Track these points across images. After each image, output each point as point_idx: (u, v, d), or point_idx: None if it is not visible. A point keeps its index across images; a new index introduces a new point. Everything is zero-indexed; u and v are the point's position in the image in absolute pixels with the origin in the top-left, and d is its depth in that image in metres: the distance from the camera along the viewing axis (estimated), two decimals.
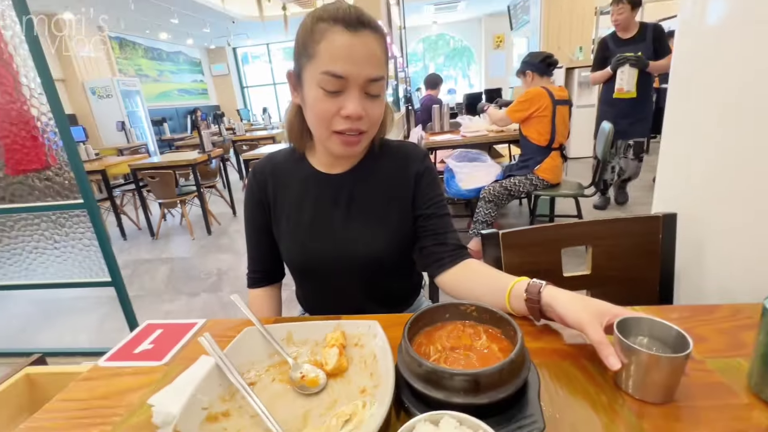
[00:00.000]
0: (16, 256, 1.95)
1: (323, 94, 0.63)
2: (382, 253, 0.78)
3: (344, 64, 0.61)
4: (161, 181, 3.52)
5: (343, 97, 0.64)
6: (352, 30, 0.61)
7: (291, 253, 0.81)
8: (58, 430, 0.53)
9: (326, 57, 0.61)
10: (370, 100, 0.66)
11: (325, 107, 0.64)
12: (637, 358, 0.47)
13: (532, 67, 2.41)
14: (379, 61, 0.65)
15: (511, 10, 8.23)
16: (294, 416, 0.50)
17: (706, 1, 0.84)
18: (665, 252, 0.79)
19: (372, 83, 0.64)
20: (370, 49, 0.63)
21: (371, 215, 0.78)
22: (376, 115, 0.68)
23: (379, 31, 0.65)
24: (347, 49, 0.61)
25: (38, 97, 1.61)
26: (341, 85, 0.63)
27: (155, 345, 0.71)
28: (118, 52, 7.96)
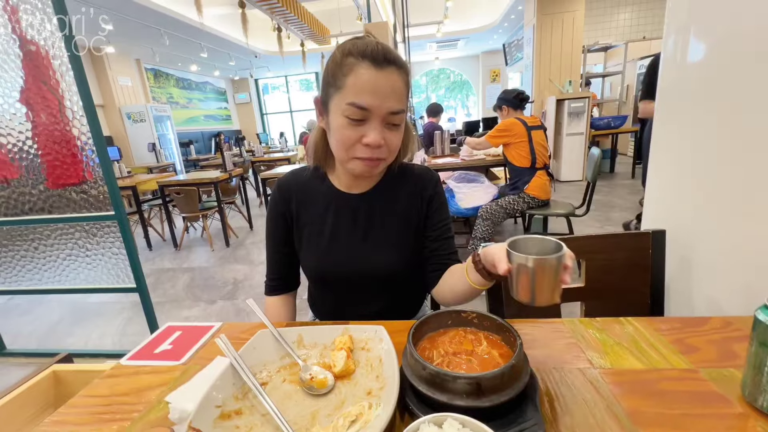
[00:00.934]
0: (51, 263, 1.96)
1: (347, 123, 0.64)
2: (395, 269, 0.78)
3: (368, 97, 0.62)
4: (186, 197, 3.55)
5: (366, 126, 0.64)
6: (378, 66, 0.62)
7: (310, 265, 0.81)
8: (81, 425, 0.52)
9: (353, 89, 0.62)
10: (390, 131, 0.67)
11: (348, 134, 0.65)
12: (515, 262, 0.48)
13: (507, 102, 2.55)
14: (401, 95, 0.65)
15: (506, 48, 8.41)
16: (303, 416, 0.48)
17: (686, 41, 0.86)
18: (655, 266, 0.77)
19: (393, 115, 0.65)
20: (393, 85, 0.63)
21: (387, 234, 0.78)
22: (394, 144, 0.69)
23: (404, 67, 0.66)
24: (372, 83, 0.62)
25: (80, 119, 1.65)
26: (364, 116, 0.63)
27: (174, 346, 0.70)
28: (152, 81, 8.20)
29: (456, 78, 12.15)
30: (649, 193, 0.96)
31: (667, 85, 0.92)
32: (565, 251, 0.47)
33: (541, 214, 2.46)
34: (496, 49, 9.70)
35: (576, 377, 0.52)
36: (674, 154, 0.90)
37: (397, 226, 0.78)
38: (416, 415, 0.44)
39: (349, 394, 0.51)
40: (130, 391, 0.58)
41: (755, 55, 0.70)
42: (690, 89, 0.86)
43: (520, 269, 0.48)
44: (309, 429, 0.46)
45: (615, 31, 6.69)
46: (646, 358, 0.55)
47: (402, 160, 0.79)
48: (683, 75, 0.88)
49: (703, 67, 0.82)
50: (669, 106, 0.92)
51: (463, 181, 2.81)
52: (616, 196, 4.33)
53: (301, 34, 6.06)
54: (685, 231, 0.83)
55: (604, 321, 0.65)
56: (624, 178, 5.23)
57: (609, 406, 0.46)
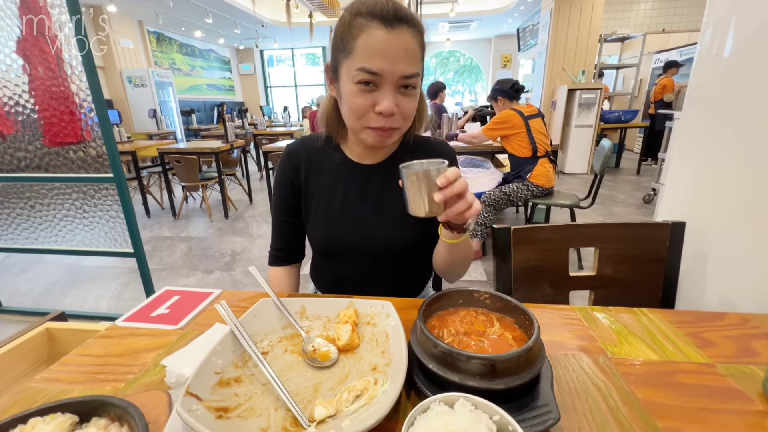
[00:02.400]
0: (47, 223, 1.93)
1: (358, 90, 0.60)
2: (403, 244, 0.75)
3: (380, 61, 0.57)
4: (186, 166, 3.49)
5: (378, 93, 0.60)
6: (389, 26, 0.57)
7: (317, 235, 0.78)
8: (74, 383, 0.50)
9: (362, 53, 0.58)
10: (404, 96, 0.62)
11: (360, 102, 0.61)
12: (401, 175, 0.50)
13: (502, 93, 2.48)
14: (414, 57, 0.60)
15: (520, 33, 8.17)
16: (305, 387, 0.46)
17: (725, 34, 0.81)
18: (671, 259, 0.75)
19: (406, 79, 0.60)
20: (406, 46, 0.58)
21: (398, 207, 0.74)
22: (409, 111, 0.64)
23: (417, 25, 0.60)
24: (383, 45, 0.57)
25: (78, 75, 1.58)
26: (376, 81, 0.59)
27: (171, 310, 0.67)
28: (155, 45, 7.95)
29: (466, 61, 11.86)
30: (668, 184, 0.93)
31: (700, 78, 0.89)
32: (438, 168, 0.49)
33: (544, 203, 2.43)
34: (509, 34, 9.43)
35: (588, 365, 0.50)
36: (699, 147, 0.87)
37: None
38: (424, 394, 0.42)
39: (353, 368, 0.49)
40: (125, 353, 0.56)
41: None
42: (723, 84, 0.82)
43: (404, 182, 0.51)
44: (311, 401, 0.44)
45: (634, 22, 6.48)
46: (662, 349, 0.53)
47: (417, 131, 0.75)
48: (717, 69, 0.84)
49: (739, 62, 0.79)
50: (699, 99, 0.88)
51: (468, 166, 2.77)
52: (619, 191, 4.30)
53: (310, 5, 5.85)
54: (703, 225, 0.80)
55: (617, 310, 0.63)
56: (629, 174, 5.18)
57: (623, 395, 0.44)
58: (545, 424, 0.38)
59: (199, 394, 0.41)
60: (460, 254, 0.67)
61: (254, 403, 0.43)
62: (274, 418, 0.41)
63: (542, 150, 2.39)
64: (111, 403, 0.38)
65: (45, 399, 0.47)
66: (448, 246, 0.64)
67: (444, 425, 0.34)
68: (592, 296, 0.81)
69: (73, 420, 0.38)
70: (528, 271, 0.79)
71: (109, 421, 0.38)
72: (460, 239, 0.61)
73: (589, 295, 0.82)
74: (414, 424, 0.35)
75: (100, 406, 0.39)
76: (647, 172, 5.14)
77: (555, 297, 0.80)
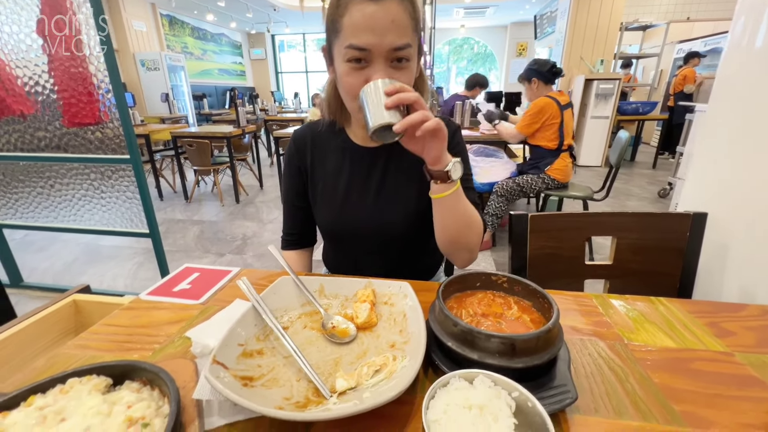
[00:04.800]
0: (66, 202, 1.97)
1: (350, 68, 0.59)
2: (410, 226, 0.75)
3: (366, 36, 0.56)
4: (198, 150, 3.53)
5: (369, 69, 0.59)
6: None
7: (324, 219, 0.79)
8: (102, 351, 0.52)
9: (349, 30, 0.57)
10: (398, 70, 0.60)
11: (352, 80, 0.60)
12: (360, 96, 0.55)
13: (539, 75, 2.29)
14: (403, 28, 0.58)
15: (537, 20, 7.95)
16: (325, 361, 0.48)
17: (757, 23, 0.78)
18: (690, 250, 0.74)
19: (397, 51, 0.58)
20: (393, 17, 0.56)
21: (403, 189, 0.75)
22: (405, 84, 0.62)
23: None
24: (369, 19, 0.56)
25: (96, 56, 1.60)
26: (365, 57, 0.58)
27: (193, 286, 0.69)
28: (167, 28, 7.94)
29: (480, 49, 11.61)
30: (692, 176, 0.91)
31: (729, 68, 0.86)
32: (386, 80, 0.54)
33: (557, 195, 2.40)
34: (526, 21, 9.18)
35: (605, 350, 0.50)
36: (724, 140, 0.85)
37: (416, 180, 0.74)
38: (442, 371, 0.43)
39: (372, 345, 0.51)
40: (150, 324, 0.58)
41: None
42: (753, 75, 0.80)
43: (362, 100, 0.55)
44: (332, 374, 0.45)
45: (657, 9, 6.25)
46: (679, 337, 0.53)
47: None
48: (748, 60, 0.81)
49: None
50: (728, 90, 0.86)
51: (481, 155, 2.74)
52: (634, 185, 4.22)
53: None
54: (725, 217, 0.79)
55: (634, 298, 0.63)
56: (644, 168, 5.08)
57: (640, 379, 0.45)
58: (563, 402, 0.39)
59: (225, 363, 0.42)
60: (456, 218, 0.64)
61: (277, 374, 0.45)
62: (296, 388, 0.43)
63: (566, 143, 2.29)
64: (143, 368, 0.40)
65: (77, 364, 0.49)
66: (439, 205, 0.63)
67: (464, 399, 0.35)
68: (607, 285, 0.81)
69: (107, 382, 0.40)
70: (543, 259, 0.79)
71: (141, 384, 0.40)
72: (447, 192, 0.60)
73: (605, 284, 0.81)
74: (435, 397, 0.36)
75: (132, 370, 0.41)
76: (663, 166, 5.03)
77: (570, 285, 0.80)
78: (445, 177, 0.59)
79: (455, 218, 0.64)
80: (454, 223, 0.65)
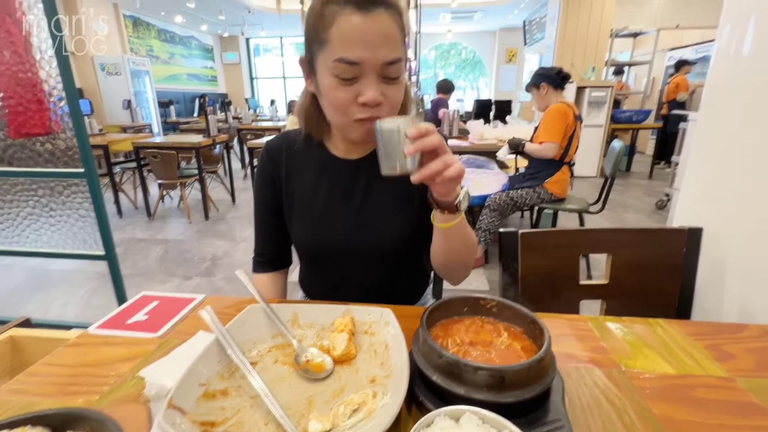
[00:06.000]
0: (9, 221, 1.89)
1: (338, 82, 0.59)
2: (394, 243, 0.75)
3: (358, 49, 0.56)
4: (163, 161, 3.47)
5: (360, 83, 0.59)
6: (364, 10, 0.56)
7: (301, 237, 0.78)
8: (43, 396, 0.49)
9: (338, 43, 0.57)
10: (389, 84, 0.61)
11: (341, 95, 0.60)
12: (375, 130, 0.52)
13: (548, 80, 2.36)
14: (395, 41, 0.59)
15: (526, 26, 8.28)
16: (297, 401, 0.46)
17: (744, 31, 0.83)
18: (687, 266, 0.76)
19: (389, 66, 0.59)
20: (385, 30, 0.57)
21: (386, 204, 0.75)
22: (395, 99, 0.63)
23: (394, 7, 0.59)
24: (360, 32, 0.56)
25: (48, 60, 1.57)
26: (356, 72, 0.58)
27: (150, 317, 0.67)
28: (131, 30, 7.91)
29: (468, 55, 11.97)
30: (684, 188, 0.95)
31: (717, 78, 0.91)
32: (409, 120, 0.51)
33: (552, 208, 2.45)
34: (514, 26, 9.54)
35: (601, 378, 0.51)
36: (718, 150, 0.89)
37: (399, 195, 0.74)
38: (426, 408, 0.42)
39: (350, 380, 0.49)
40: (99, 363, 0.55)
41: None
42: (742, 84, 0.84)
43: (377, 138, 0.52)
44: (305, 415, 0.44)
45: (647, 17, 6.62)
46: (678, 362, 0.54)
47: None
48: (736, 68, 0.86)
49: (759, 61, 0.80)
50: (717, 100, 0.90)
51: (471, 167, 2.79)
52: (630, 196, 4.36)
53: None
54: (722, 232, 0.82)
55: (631, 321, 0.64)
56: (640, 178, 5.26)
57: (639, 410, 0.45)
58: None
59: (182, 407, 0.41)
60: (458, 244, 0.65)
61: (242, 417, 0.43)
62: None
63: (570, 157, 2.33)
64: (86, 416, 0.38)
65: (10, 413, 0.46)
66: (442, 233, 0.63)
67: None
68: (604, 306, 0.82)
69: None
70: (536, 279, 0.80)
71: None
72: (453, 222, 0.60)
73: (601, 304, 0.83)
74: None
75: (75, 419, 0.38)
76: (660, 176, 5.22)
77: (564, 306, 0.81)
78: (454, 208, 0.59)
79: (457, 244, 0.65)
80: (456, 249, 0.66)
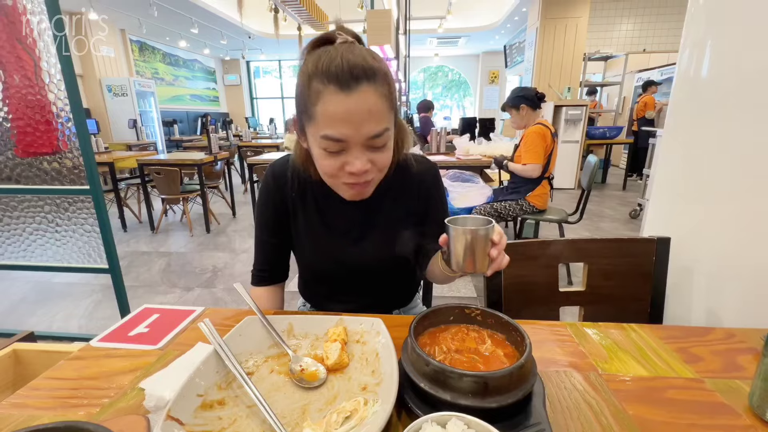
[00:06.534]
0: (16, 237, 1.86)
1: (326, 154, 0.59)
2: (393, 265, 0.77)
3: (342, 128, 0.55)
4: (166, 178, 3.44)
5: (347, 154, 0.58)
6: (346, 90, 0.54)
7: (306, 261, 0.79)
8: (44, 409, 0.48)
9: (323, 121, 0.56)
10: (376, 152, 0.60)
11: (329, 164, 0.60)
12: (450, 234, 0.53)
13: (527, 101, 2.38)
14: (379, 115, 0.57)
15: (506, 50, 8.47)
16: (292, 409, 0.46)
17: (701, 55, 0.86)
18: (657, 274, 0.77)
19: (375, 139, 0.58)
20: (368, 106, 0.55)
21: (386, 232, 0.75)
22: (383, 163, 0.62)
23: (377, 78, 0.56)
24: (343, 112, 0.54)
25: (57, 83, 1.56)
26: (342, 146, 0.58)
27: (151, 329, 0.66)
28: (137, 54, 7.93)
29: (454, 76, 12.18)
30: (653, 199, 0.96)
31: (679, 98, 0.93)
32: (492, 227, 0.52)
33: (534, 219, 2.48)
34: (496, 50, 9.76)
35: (580, 381, 0.51)
36: (681, 164, 0.91)
37: (400, 217, 0.76)
38: (415, 414, 0.42)
39: (343, 388, 0.49)
40: (100, 375, 0.54)
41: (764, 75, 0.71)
42: (701, 104, 0.87)
43: (455, 240, 0.53)
44: (299, 424, 0.43)
45: (616, 42, 6.81)
46: (651, 365, 0.54)
47: (400, 155, 0.74)
48: (695, 89, 0.88)
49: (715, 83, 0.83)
50: (679, 118, 0.93)
51: (457, 180, 2.81)
52: (606, 206, 4.42)
53: (298, 18, 5.95)
54: (688, 240, 0.83)
55: (607, 326, 0.64)
56: (615, 189, 5.34)
57: (615, 412, 0.45)
58: None
59: (180, 418, 0.40)
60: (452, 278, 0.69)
61: (239, 426, 0.42)
62: None
63: (549, 172, 2.38)
64: (86, 429, 0.37)
65: (11, 427, 0.45)
66: (444, 275, 0.66)
67: None
68: (582, 312, 0.83)
69: None
70: (518, 287, 0.80)
71: None
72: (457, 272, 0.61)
73: (579, 310, 0.83)
74: None
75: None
76: (633, 188, 5.32)
77: (546, 313, 0.81)
78: None
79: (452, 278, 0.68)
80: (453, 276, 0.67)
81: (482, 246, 0.52)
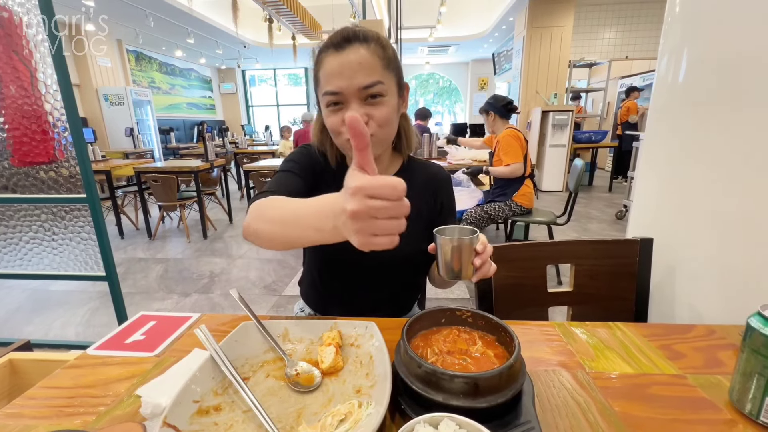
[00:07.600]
0: (12, 246, 1.82)
1: (329, 111, 0.65)
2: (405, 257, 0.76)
3: (336, 80, 0.62)
4: (163, 185, 3.41)
5: (345, 108, 0.64)
6: (339, 48, 0.62)
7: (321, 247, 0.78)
8: (40, 419, 0.47)
9: (324, 79, 0.64)
10: (373, 105, 0.64)
11: (332, 120, 0.65)
12: (438, 243, 0.54)
13: (495, 109, 2.49)
14: (371, 67, 0.62)
15: (495, 57, 8.56)
16: (288, 413, 0.45)
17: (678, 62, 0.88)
18: (641, 274, 0.78)
19: (367, 89, 0.62)
20: (358, 60, 0.61)
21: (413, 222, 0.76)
22: (381, 117, 0.64)
23: (370, 39, 0.63)
24: (337, 66, 0.62)
25: (53, 94, 1.55)
26: (339, 99, 0.63)
27: (147, 336, 0.65)
28: (134, 64, 7.87)
29: (445, 84, 12.27)
30: (637, 201, 0.98)
31: (658, 103, 0.95)
32: (476, 237, 0.54)
33: (523, 221, 2.50)
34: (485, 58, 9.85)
35: (568, 380, 0.51)
36: (662, 166, 0.92)
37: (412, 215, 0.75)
38: (409, 415, 0.42)
39: (337, 391, 0.49)
40: (97, 383, 0.53)
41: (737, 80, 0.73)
42: (679, 108, 0.89)
43: (442, 248, 0.55)
44: (294, 427, 0.43)
45: (600, 49, 6.92)
46: (636, 362, 0.55)
47: (408, 152, 0.79)
48: (673, 95, 0.90)
49: (691, 88, 0.85)
50: (659, 121, 0.94)
51: None
52: (593, 208, 4.47)
53: (292, 28, 5.97)
54: (670, 240, 0.85)
55: (593, 325, 0.65)
56: (602, 191, 5.40)
57: (602, 409, 0.46)
58: None
59: (177, 425, 0.39)
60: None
61: (235, 431, 0.42)
62: None
63: (528, 170, 2.47)
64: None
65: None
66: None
67: None
68: (570, 312, 0.84)
69: None
70: (508, 289, 0.81)
71: None
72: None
73: (567, 310, 0.84)
74: None
75: None
76: (618, 190, 5.39)
77: (535, 314, 0.82)
78: None
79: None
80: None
81: (467, 255, 0.54)
